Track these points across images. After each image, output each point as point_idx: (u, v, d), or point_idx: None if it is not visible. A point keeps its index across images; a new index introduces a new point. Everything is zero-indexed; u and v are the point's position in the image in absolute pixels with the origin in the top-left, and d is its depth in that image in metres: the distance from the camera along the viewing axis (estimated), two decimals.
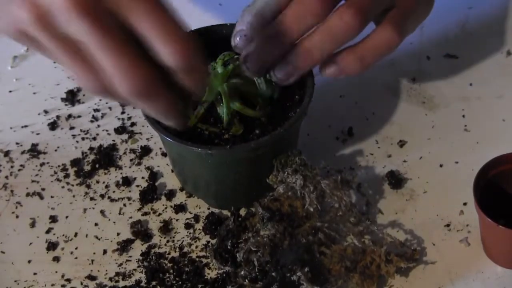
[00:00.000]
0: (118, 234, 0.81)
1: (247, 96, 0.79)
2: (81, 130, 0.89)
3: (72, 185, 0.85)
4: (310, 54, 0.73)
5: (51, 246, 0.80)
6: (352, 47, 0.74)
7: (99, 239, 0.81)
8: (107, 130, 0.89)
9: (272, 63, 0.74)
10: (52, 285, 0.77)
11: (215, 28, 0.82)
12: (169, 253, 0.78)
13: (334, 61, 0.75)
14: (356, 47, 0.74)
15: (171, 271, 0.77)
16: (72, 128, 0.90)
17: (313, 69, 0.77)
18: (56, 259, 0.79)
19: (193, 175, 0.81)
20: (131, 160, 0.86)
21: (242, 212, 0.80)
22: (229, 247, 0.76)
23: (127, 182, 0.84)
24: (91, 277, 0.78)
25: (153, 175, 0.85)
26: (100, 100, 0.91)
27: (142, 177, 0.85)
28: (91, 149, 0.87)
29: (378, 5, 0.73)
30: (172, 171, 0.84)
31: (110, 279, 0.78)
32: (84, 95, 0.92)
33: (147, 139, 0.88)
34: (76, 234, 0.81)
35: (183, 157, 0.79)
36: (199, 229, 0.80)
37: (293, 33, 0.73)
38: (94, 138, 0.88)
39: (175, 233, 0.80)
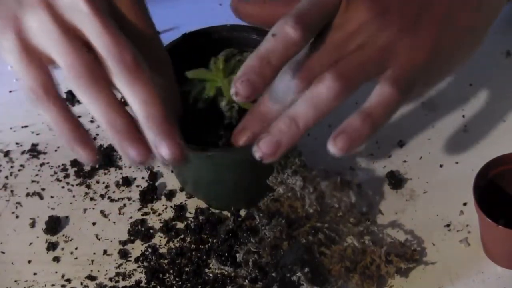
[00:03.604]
0: (118, 234, 0.81)
1: None
2: None
3: (72, 185, 0.85)
4: (295, 122, 0.68)
5: (51, 246, 0.80)
6: (355, 113, 0.70)
7: (99, 239, 0.81)
8: None
9: (262, 88, 0.69)
10: (52, 285, 0.77)
11: (215, 28, 0.82)
12: (169, 253, 0.78)
13: (342, 130, 0.69)
14: (359, 111, 0.69)
15: (171, 271, 0.77)
16: None
17: None
18: (56, 259, 0.79)
19: (192, 176, 0.81)
20: None
21: (242, 212, 0.80)
22: (229, 247, 0.76)
23: (127, 182, 0.84)
24: (91, 277, 0.78)
25: (153, 175, 0.85)
26: None
27: (142, 177, 0.85)
28: None
29: (363, 70, 0.69)
30: (172, 171, 0.84)
31: (110, 279, 0.78)
32: None
33: None
34: (76, 234, 0.81)
35: None
36: (199, 229, 0.80)
37: (273, 61, 0.68)
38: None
39: (175, 233, 0.80)
